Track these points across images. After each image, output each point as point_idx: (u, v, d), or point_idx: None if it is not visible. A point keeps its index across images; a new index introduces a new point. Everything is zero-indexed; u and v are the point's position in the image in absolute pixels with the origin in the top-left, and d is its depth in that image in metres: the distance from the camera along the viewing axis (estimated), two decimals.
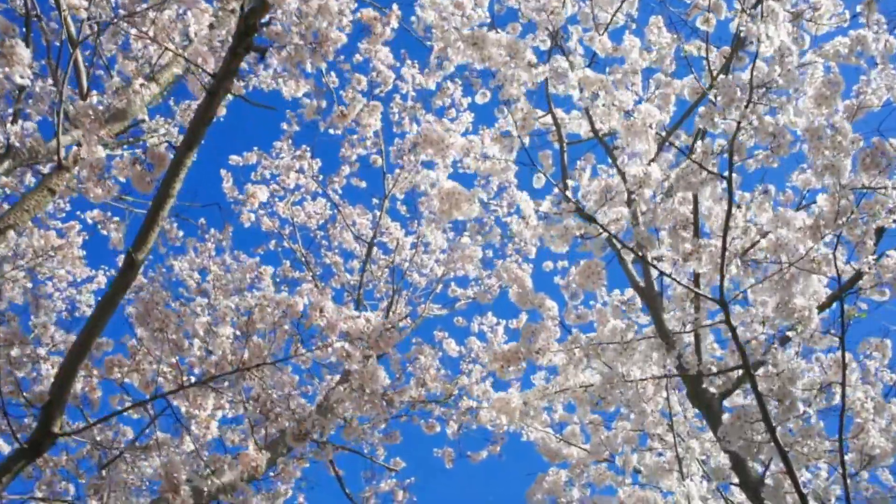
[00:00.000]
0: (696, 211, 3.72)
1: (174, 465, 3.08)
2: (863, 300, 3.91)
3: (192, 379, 3.12)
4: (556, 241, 3.44)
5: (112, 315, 2.94)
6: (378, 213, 7.75)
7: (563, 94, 6.34)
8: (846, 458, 3.48)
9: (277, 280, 6.90)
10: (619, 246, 3.34)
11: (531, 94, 4.82)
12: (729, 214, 3.36)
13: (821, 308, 3.89)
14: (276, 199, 8.23)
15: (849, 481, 3.37)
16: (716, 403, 4.33)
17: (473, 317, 8.28)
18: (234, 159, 7.68)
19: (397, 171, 7.55)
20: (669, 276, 3.30)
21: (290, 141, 7.73)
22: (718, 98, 3.40)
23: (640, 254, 3.34)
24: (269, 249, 8.01)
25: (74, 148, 3.43)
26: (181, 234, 6.30)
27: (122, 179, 3.98)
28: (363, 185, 7.73)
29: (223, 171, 7.80)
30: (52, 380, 3.20)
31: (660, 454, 5.26)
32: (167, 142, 3.77)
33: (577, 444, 6.19)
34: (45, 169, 4.23)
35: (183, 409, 3.30)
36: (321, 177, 7.88)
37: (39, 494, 3.25)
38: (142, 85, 3.99)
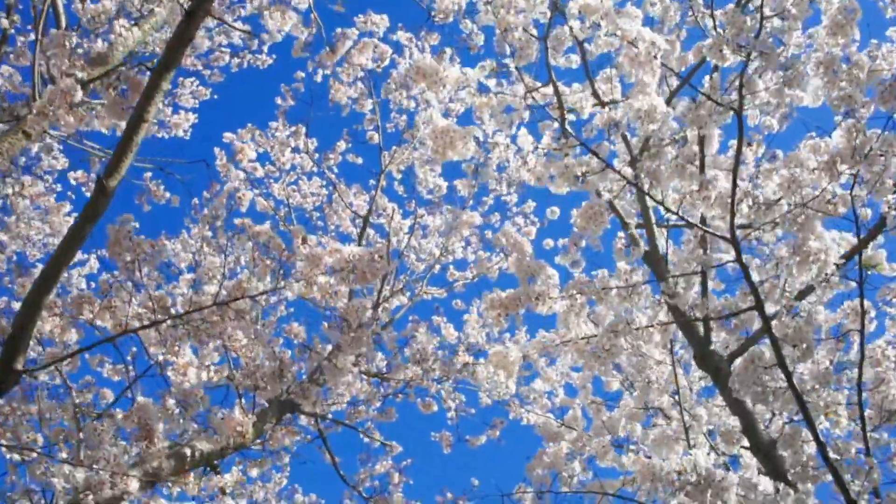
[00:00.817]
0: (702, 161, 3.53)
1: (146, 410, 2.88)
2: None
3: (169, 322, 2.92)
4: (557, 180, 3.25)
5: (80, 246, 2.75)
6: (374, 193, 7.57)
7: (563, 67, 6.12)
8: (865, 413, 3.27)
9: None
10: (622, 183, 3.14)
11: (530, 68, 4.66)
12: (739, 150, 3.17)
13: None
14: (272, 181, 8.08)
15: (868, 436, 3.16)
16: (724, 366, 4.12)
17: (472, 300, 8.07)
18: (228, 136, 7.52)
19: (394, 147, 7.38)
20: (676, 213, 3.10)
21: (283, 118, 7.57)
22: (727, 29, 3.22)
23: (643, 190, 3.14)
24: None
25: (50, 87, 3.25)
26: (167, 194, 6.11)
27: (105, 131, 3.79)
28: (359, 160, 7.55)
29: (217, 150, 7.64)
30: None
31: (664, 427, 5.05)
32: (143, 65, 3.59)
33: (579, 429, 5.97)
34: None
35: (161, 357, 3.11)
36: (317, 155, 7.71)
37: (4, 443, 3.06)
38: (124, 28, 3.82)
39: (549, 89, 6.07)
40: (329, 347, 5.66)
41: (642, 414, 5.72)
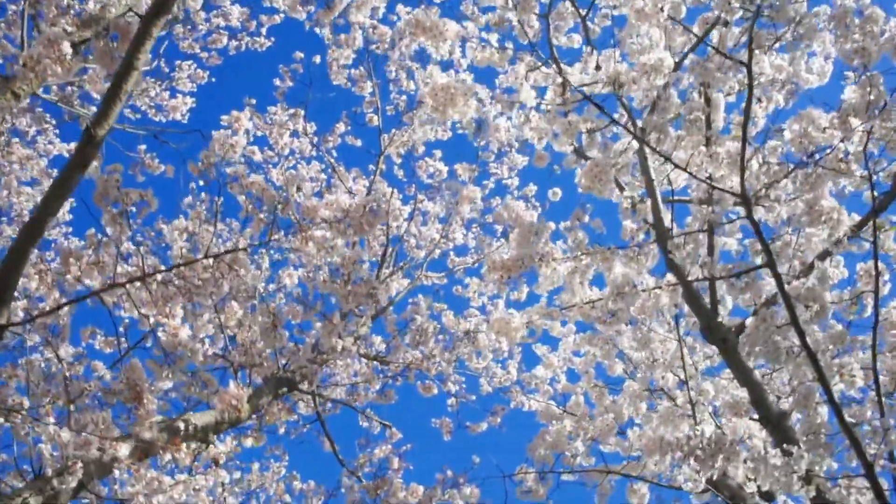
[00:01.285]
0: (708, 119, 3.43)
1: (135, 370, 2.77)
2: None
3: (160, 278, 2.82)
4: (560, 137, 3.15)
5: (67, 196, 2.65)
6: (373, 178, 7.47)
7: (566, 47, 6.01)
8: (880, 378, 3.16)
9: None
10: (627, 153, 3.05)
11: (531, 47, 4.56)
12: (749, 106, 3.07)
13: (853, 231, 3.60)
14: (271, 166, 7.99)
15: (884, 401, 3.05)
16: (731, 337, 4.01)
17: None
18: (226, 119, 7.41)
19: (394, 130, 7.28)
20: (685, 169, 3.00)
21: (282, 99, 7.48)
22: None
23: (651, 146, 3.04)
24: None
25: (40, 45, 3.16)
26: (162, 167, 6.00)
27: (96, 96, 3.68)
28: (358, 143, 7.46)
29: (215, 133, 7.54)
30: None
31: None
32: (131, 8, 3.49)
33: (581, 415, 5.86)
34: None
35: (151, 319, 3.01)
36: (316, 139, 7.61)
37: None
38: None
39: (551, 69, 5.96)
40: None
41: (646, 397, 5.62)
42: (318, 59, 7.18)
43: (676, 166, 3.00)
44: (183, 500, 3.45)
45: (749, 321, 3.02)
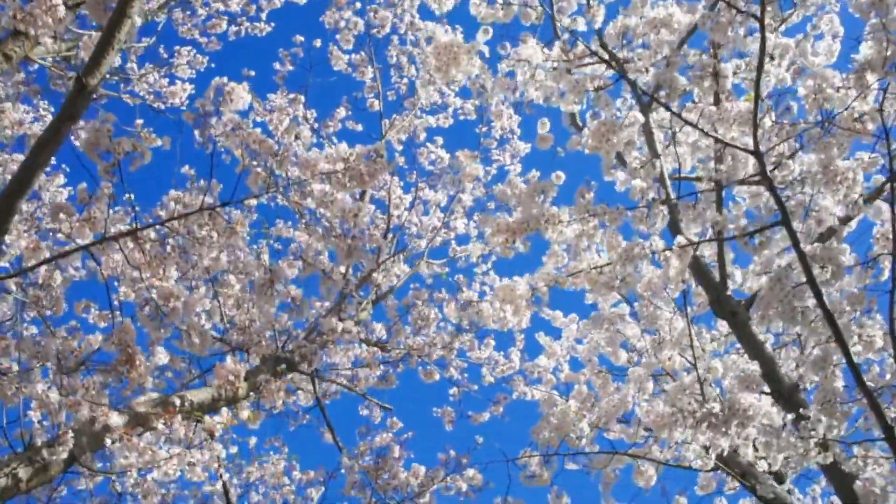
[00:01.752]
0: (716, 71, 3.34)
1: (128, 331, 2.67)
2: None
3: (153, 235, 2.72)
4: (567, 96, 3.06)
5: (57, 148, 2.56)
6: None
7: (570, 28, 5.95)
8: None
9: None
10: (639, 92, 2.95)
11: (534, 29, 4.48)
12: (762, 62, 2.98)
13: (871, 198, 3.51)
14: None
15: None
16: (741, 310, 3.92)
17: (474, 275, 7.86)
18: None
19: (395, 115, 7.20)
20: (695, 126, 2.90)
21: (282, 84, 7.39)
22: None
23: (662, 102, 2.95)
24: (261, 203, 7.63)
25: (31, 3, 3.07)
26: (158, 142, 5.89)
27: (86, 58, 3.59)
28: (359, 127, 7.37)
29: (213, 120, 7.45)
30: None
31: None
32: None
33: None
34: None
35: (146, 281, 2.91)
36: (316, 125, 7.52)
37: None
38: None
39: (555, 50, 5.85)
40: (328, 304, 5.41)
41: (652, 383, 5.52)
42: (318, 42, 7.13)
43: (687, 122, 2.90)
44: (177, 475, 3.34)
45: (764, 281, 2.92)
